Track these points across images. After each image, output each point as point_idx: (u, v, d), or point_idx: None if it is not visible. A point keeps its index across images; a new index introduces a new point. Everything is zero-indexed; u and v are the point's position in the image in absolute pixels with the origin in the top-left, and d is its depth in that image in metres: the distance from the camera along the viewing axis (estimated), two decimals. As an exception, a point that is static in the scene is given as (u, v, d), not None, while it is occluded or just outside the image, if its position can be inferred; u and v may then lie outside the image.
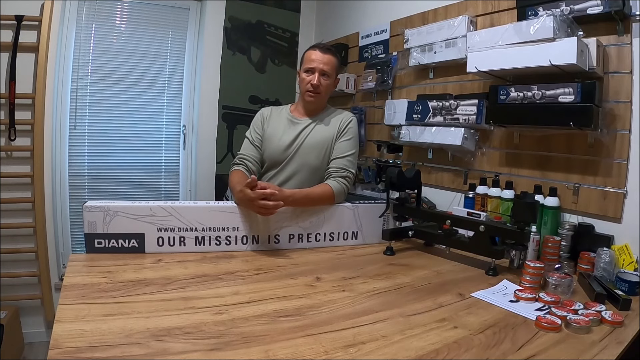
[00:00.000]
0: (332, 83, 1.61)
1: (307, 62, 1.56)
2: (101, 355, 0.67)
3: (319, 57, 1.55)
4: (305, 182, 1.57)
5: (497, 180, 1.61)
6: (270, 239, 1.37)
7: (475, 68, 1.53)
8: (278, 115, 1.66)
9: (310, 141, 1.58)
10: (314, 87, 1.54)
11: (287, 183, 1.57)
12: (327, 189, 1.46)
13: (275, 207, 1.27)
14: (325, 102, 1.67)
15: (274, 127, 1.62)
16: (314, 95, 1.56)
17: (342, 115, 1.64)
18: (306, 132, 1.59)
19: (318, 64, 1.54)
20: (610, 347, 0.82)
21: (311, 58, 1.55)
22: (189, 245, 1.28)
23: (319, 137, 1.58)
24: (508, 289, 1.12)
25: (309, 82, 1.54)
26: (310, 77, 1.54)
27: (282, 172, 1.59)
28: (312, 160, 1.57)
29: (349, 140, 1.58)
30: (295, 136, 1.58)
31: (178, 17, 2.65)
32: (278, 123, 1.63)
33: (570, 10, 1.37)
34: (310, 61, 1.55)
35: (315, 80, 1.53)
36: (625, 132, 1.31)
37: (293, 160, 1.58)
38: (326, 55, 1.56)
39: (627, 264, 1.23)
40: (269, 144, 1.60)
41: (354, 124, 1.61)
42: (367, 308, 0.94)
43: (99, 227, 1.20)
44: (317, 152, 1.57)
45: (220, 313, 0.87)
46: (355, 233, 1.50)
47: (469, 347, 0.78)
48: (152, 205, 1.24)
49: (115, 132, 2.54)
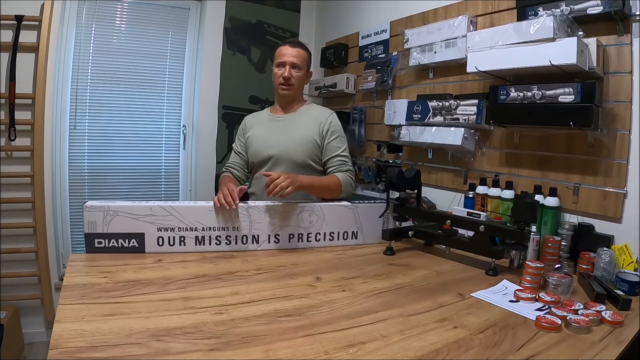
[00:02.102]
0: (304, 75, 1.66)
1: (277, 58, 1.62)
2: (101, 355, 0.67)
3: (289, 51, 1.60)
4: None
5: (497, 180, 1.61)
6: (270, 239, 1.37)
7: (475, 68, 1.53)
8: (259, 119, 1.72)
9: (293, 136, 1.60)
10: (286, 80, 1.59)
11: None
12: (334, 177, 1.55)
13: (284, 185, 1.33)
14: (300, 96, 1.71)
15: (255, 130, 1.68)
16: (286, 88, 1.61)
17: (321, 112, 1.67)
18: (287, 127, 1.63)
19: (288, 57, 1.59)
20: (610, 347, 0.82)
21: (281, 53, 1.61)
22: (189, 245, 1.28)
23: (302, 132, 1.61)
24: (508, 289, 1.11)
25: (281, 75, 1.59)
26: (282, 70, 1.59)
27: (270, 170, 1.60)
28: (297, 156, 1.59)
29: (336, 138, 1.63)
30: (277, 132, 1.62)
31: (178, 17, 2.65)
32: (259, 125, 1.68)
33: (570, 10, 1.37)
34: (280, 56, 1.61)
35: (286, 73, 1.58)
36: (625, 132, 1.31)
37: (279, 156, 1.60)
38: (295, 48, 1.61)
39: (627, 264, 1.23)
40: (253, 145, 1.65)
41: (335, 120, 1.65)
42: (367, 308, 0.94)
43: (99, 227, 1.20)
44: (301, 147, 1.59)
45: (220, 313, 0.87)
46: (355, 233, 1.50)
47: (469, 347, 0.78)
48: (152, 205, 1.24)
49: (115, 132, 2.54)
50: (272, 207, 1.36)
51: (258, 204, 1.36)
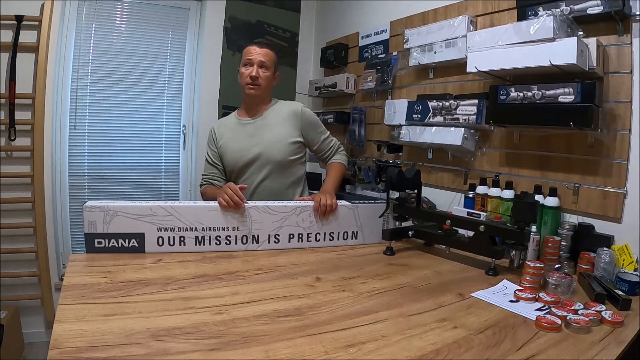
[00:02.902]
0: (271, 76, 1.61)
1: (243, 56, 1.58)
2: (101, 355, 0.67)
3: (256, 50, 1.57)
4: (278, 178, 1.59)
5: (497, 180, 1.61)
6: (270, 239, 1.37)
7: (475, 68, 1.53)
8: (227, 125, 1.66)
9: (269, 138, 1.58)
10: (253, 79, 1.54)
11: (262, 183, 1.58)
12: (338, 163, 1.67)
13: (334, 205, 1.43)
14: (269, 97, 1.67)
15: (227, 136, 1.62)
16: (254, 88, 1.56)
17: (291, 108, 1.64)
18: (260, 129, 1.60)
19: (256, 57, 1.55)
20: (610, 347, 0.82)
21: (249, 52, 1.57)
22: (189, 245, 1.28)
23: (277, 132, 1.59)
24: (508, 289, 1.11)
25: (248, 74, 1.55)
26: (249, 69, 1.55)
27: (254, 174, 1.58)
28: (277, 155, 1.57)
29: (314, 127, 1.65)
30: (251, 136, 1.59)
31: (178, 17, 2.65)
32: (229, 131, 1.63)
33: (570, 10, 1.37)
34: (246, 54, 1.57)
35: (254, 72, 1.54)
36: (625, 132, 1.31)
37: (259, 160, 1.57)
38: (263, 48, 1.58)
39: (627, 264, 1.23)
40: (227, 154, 1.61)
41: (307, 111, 1.64)
42: (367, 308, 0.94)
43: (99, 227, 1.20)
44: (279, 147, 1.58)
45: (220, 313, 0.87)
46: (355, 233, 1.50)
47: (469, 347, 0.78)
48: (152, 205, 1.24)
49: (115, 132, 2.54)
50: (272, 207, 1.36)
51: (258, 204, 1.36)
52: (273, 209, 1.36)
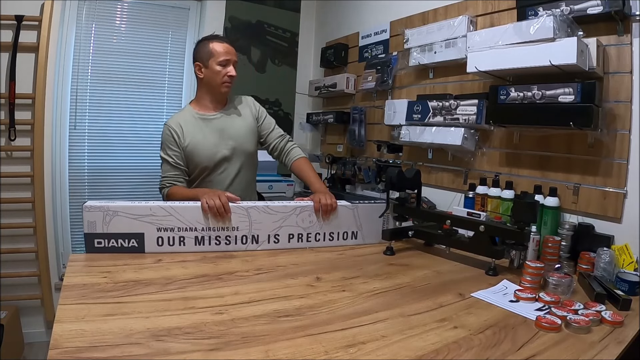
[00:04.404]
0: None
1: (219, 55, 1.56)
2: (101, 355, 0.67)
3: (230, 49, 1.59)
4: (249, 168, 1.68)
5: (497, 180, 1.61)
6: (270, 239, 1.37)
7: (475, 68, 1.53)
8: (188, 122, 1.59)
9: (240, 130, 1.63)
10: (231, 79, 1.59)
11: (237, 176, 1.62)
12: (305, 160, 1.69)
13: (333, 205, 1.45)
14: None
15: (193, 134, 1.57)
16: (229, 86, 1.61)
17: (245, 99, 1.73)
18: (228, 123, 1.63)
19: (232, 56, 1.59)
20: (610, 347, 0.82)
21: (223, 51, 1.56)
22: (189, 245, 1.28)
23: (244, 123, 1.66)
24: (508, 289, 1.11)
25: (226, 74, 1.57)
26: (228, 69, 1.57)
27: (229, 168, 1.60)
28: (248, 147, 1.65)
29: (266, 117, 1.74)
30: (222, 130, 1.60)
31: (178, 17, 2.65)
32: (195, 128, 1.59)
33: (570, 10, 1.37)
34: (223, 54, 1.56)
35: (234, 72, 1.58)
36: (625, 132, 1.31)
37: (234, 153, 1.60)
38: (232, 47, 1.61)
39: (627, 264, 1.23)
40: (198, 152, 1.56)
41: (256, 102, 1.76)
42: (367, 308, 0.94)
43: (98, 227, 1.20)
44: (249, 138, 1.65)
45: (220, 313, 0.87)
46: (355, 233, 1.50)
47: (469, 347, 0.78)
48: (151, 205, 1.24)
49: (115, 132, 2.54)
50: (271, 207, 1.36)
51: (258, 204, 1.36)
52: (273, 209, 1.36)
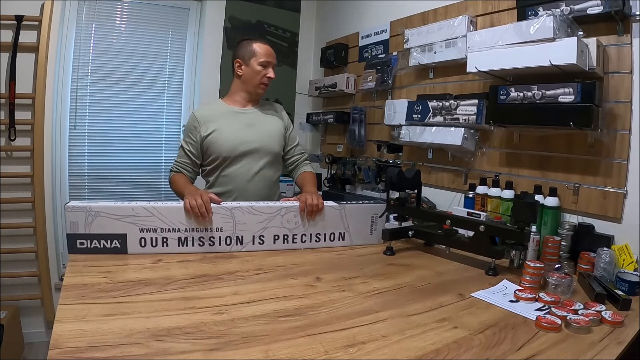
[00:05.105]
0: None
1: (262, 56, 1.59)
2: (101, 355, 0.67)
3: (271, 52, 1.62)
4: (273, 169, 1.66)
5: (497, 180, 1.61)
6: (255, 240, 1.34)
7: (475, 68, 1.53)
8: (218, 112, 1.62)
9: (268, 129, 1.65)
10: (269, 80, 1.62)
11: (258, 174, 1.61)
12: (310, 172, 1.71)
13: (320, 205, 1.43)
14: None
15: (218, 123, 1.59)
16: (265, 88, 1.64)
17: (279, 106, 1.78)
18: (259, 120, 1.65)
19: (273, 59, 1.62)
20: (610, 347, 0.82)
21: (265, 52, 1.60)
22: (172, 246, 1.25)
23: (273, 124, 1.68)
24: (508, 289, 1.11)
25: (265, 75, 1.61)
26: (268, 70, 1.61)
27: (251, 163, 1.60)
28: (274, 147, 1.65)
29: (292, 130, 1.77)
30: (250, 125, 1.62)
31: (178, 17, 2.65)
32: (223, 119, 1.60)
33: (570, 10, 1.37)
34: (265, 55, 1.60)
35: (273, 74, 1.61)
36: (625, 132, 1.31)
37: (259, 150, 1.60)
38: (273, 50, 1.64)
39: (627, 264, 1.23)
40: (220, 140, 1.57)
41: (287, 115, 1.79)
42: (367, 308, 0.94)
43: (80, 228, 1.18)
44: (275, 139, 1.66)
45: (220, 313, 0.87)
46: (342, 234, 1.46)
47: (469, 347, 0.78)
48: (134, 206, 1.21)
49: (115, 132, 2.54)
50: (256, 208, 1.33)
51: (242, 204, 1.33)
52: (257, 209, 1.33)
